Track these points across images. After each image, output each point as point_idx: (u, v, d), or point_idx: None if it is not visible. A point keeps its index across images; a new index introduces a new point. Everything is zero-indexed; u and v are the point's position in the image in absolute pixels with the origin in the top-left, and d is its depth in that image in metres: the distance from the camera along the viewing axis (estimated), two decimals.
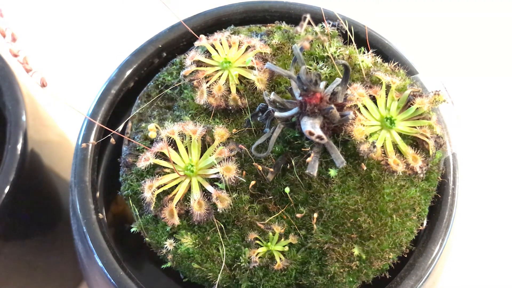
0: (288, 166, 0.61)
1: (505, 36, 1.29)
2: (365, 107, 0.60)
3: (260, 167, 0.61)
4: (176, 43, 0.76)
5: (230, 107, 0.65)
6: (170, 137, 0.62)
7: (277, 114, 0.56)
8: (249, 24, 0.76)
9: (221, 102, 0.65)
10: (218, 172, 0.60)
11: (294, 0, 0.77)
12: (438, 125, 0.61)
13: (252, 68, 0.65)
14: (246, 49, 0.67)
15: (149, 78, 0.74)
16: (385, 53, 0.72)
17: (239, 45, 0.67)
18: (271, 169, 0.60)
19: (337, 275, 0.60)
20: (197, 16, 0.77)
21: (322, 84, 0.56)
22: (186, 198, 0.61)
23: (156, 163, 0.62)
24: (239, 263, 0.61)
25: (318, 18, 0.71)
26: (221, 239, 0.61)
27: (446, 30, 1.30)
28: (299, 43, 0.55)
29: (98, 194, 0.69)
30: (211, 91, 0.65)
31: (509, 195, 1.13)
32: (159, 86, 0.72)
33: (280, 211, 0.62)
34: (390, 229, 0.60)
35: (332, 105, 0.55)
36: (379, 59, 0.69)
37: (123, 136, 0.69)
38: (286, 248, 0.61)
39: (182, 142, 0.63)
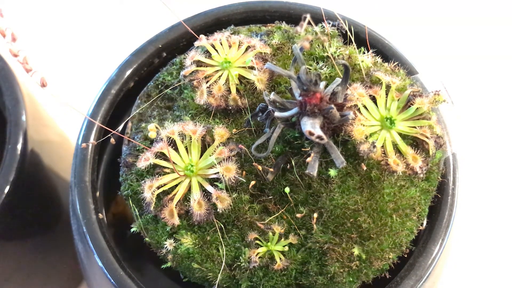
0: (288, 166, 0.61)
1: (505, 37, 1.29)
2: (365, 107, 0.60)
3: (260, 167, 0.61)
4: (176, 43, 0.76)
5: (230, 107, 0.65)
6: (170, 137, 0.62)
7: (277, 114, 0.56)
8: (249, 24, 0.76)
9: (221, 102, 0.65)
10: (218, 172, 0.60)
11: (294, 0, 0.77)
12: (438, 125, 0.61)
13: (252, 68, 0.65)
14: (246, 49, 0.67)
15: (149, 78, 0.74)
16: (385, 53, 0.72)
17: (239, 45, 0.67)
18: (271, 169, 0.60)
19: (337, 275, 0.60)
20: (197, 16, 0.77)
21: (322, 84, 0.56)
22: (186, 198, 0.61)
23: (156, 163, 0.62)
24: (239, 263, 0.61)
25: (318, 18, 0.71)
26: (221, 239, 0.61)
27: (446, 30, 1.30)
28: (299, 43, 0.55)
29: (98, 194, 0.69)
30: (211, 91, 0.65)
31: (509, 195, 1.13)
32: (159, 86, 0.72)
33: (280, 211, 0.62)
34: (390, 229, 0.60)
35: (332, 105, 0.55)
36: (379, 59, 0.69)
37: (123, 136, 0.69)
38: (286, 248, 0.61)
39: (182, 142, 0.63)
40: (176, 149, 0.62)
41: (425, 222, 0.65)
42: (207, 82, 0.65)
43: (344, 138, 0.59)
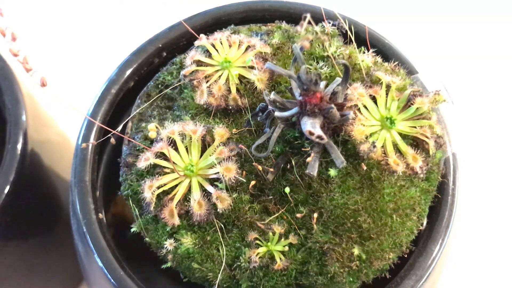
0: (288, 166, 0.61)
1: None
2: (365, 107, 0.60)
3: (260, 167, 0.61)
4: (176, 43, 0.76)
5: (230, 107, 0.65)
6: (170, 137, 0.62)
7: (277, 114, 0.56)
8: (249, 23, 0.76)
9: (221, 102, 0.65)
10: (218, 172, 0.60)
11: (294, 0, 0.77)
12: (438, 125, 0.61)
13: (252, 67, 0.65)
14: (246, 49, 0.67)
15: (149, 78, 0.74)
16: (385, 52, 0.72)
17: (239, 44, 0.67)
18: (271, 169, 0.60)
19: (337, 275, 0.60)
20: (197, 16, 0.77)
21: (322, 84, 0.56)
22: (186, 198, 0.61)
23: (156, 163, 0.62)
24: (239, 263, 0.61)
25: (318, 17, 0.71)
26: (221, 239, 0.61)
27: (446, 29, 1.30)
28: (299, 43, 0.55)
29: (98, 194, 0.69)
30: (211, 91, 0.65)
31: (509, 195, 1.13)
32: (159, 86, 0.72)
33: (280, 211, 0.62)
34: (390, 229, 0.60)
35: (332, 105, 0.55)
36: (379, 59, 0.69)
37: (123, 136, 0.69)
38: (286, 248, 0.61)
39: (182, 142, 0.63)
40: (176, 149, 0.62)
41: (425, 222, 0.65)
42: (207, 82, 0.65)
43: (344, 138, 0.59)
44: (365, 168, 0.59)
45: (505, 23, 1.30)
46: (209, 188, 0.61)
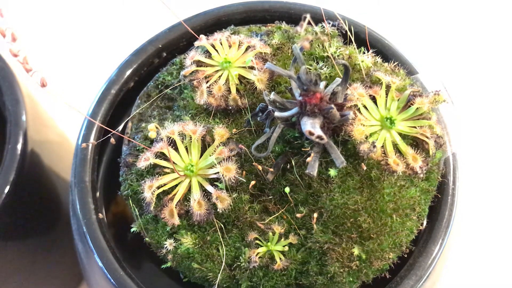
0: (288, 166, 0.61)
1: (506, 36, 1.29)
2: (365, 107, 0.60)
3: (260, 167, 0.61)
4: (176, 43, 0.76)
5: (230, 107, 0.65)
6: (170, 137, 0.62)
7: (277, 114, 0.56)
8: (249, 24, 0.76)
9: (221, 102, 0.65)
10: (218, 172, 0.60)
11: (294, 0, 0.77)
12: (438, 125, 0.61)
13: (252, 68, 0.65)
14: (246, 49, 0.67)
15: (149, 78, 0.74)
16: (385, 53, 0.72)
17: (239, 45, 0.67)
18: (271, 169, 0.60)
19: (337, 275, 0.60)
20: (197, 16, 0.77)
21: (322, 84, 0.56)
22: (186, 198, 0.61)
23: (156, 163, 0.62)
24: (239, 263, 0.61)
25: (318, 18, 0.71)
26: (221, 239, 0.61)
27: (446, 30, 1.30)
28: (299, 43, 0.55)
29: (98, 194, 0.69)
30: (211, 91, 0.65)
31: (509, 195, 1.13)
32: (159, 86, 0.72)
33: (280, 211, 0.62)
34: (390, 229, 0.60)
35: (332, 105, 0.55)
36: (379, 59, 0.69)
37: (123, 136, 0.69)
38: (286, 248, 0.61)
39: (182, 142, 0.63)
40: (176, 149, 0.62)
41: (425, 222, 0.65)
42: (207, 82, 0.65)
43: (344, 138, 0.59)
44: (365, 168, 0.59)
45: (505, 23, 1.30)
46: (209, 188, 0.61)
